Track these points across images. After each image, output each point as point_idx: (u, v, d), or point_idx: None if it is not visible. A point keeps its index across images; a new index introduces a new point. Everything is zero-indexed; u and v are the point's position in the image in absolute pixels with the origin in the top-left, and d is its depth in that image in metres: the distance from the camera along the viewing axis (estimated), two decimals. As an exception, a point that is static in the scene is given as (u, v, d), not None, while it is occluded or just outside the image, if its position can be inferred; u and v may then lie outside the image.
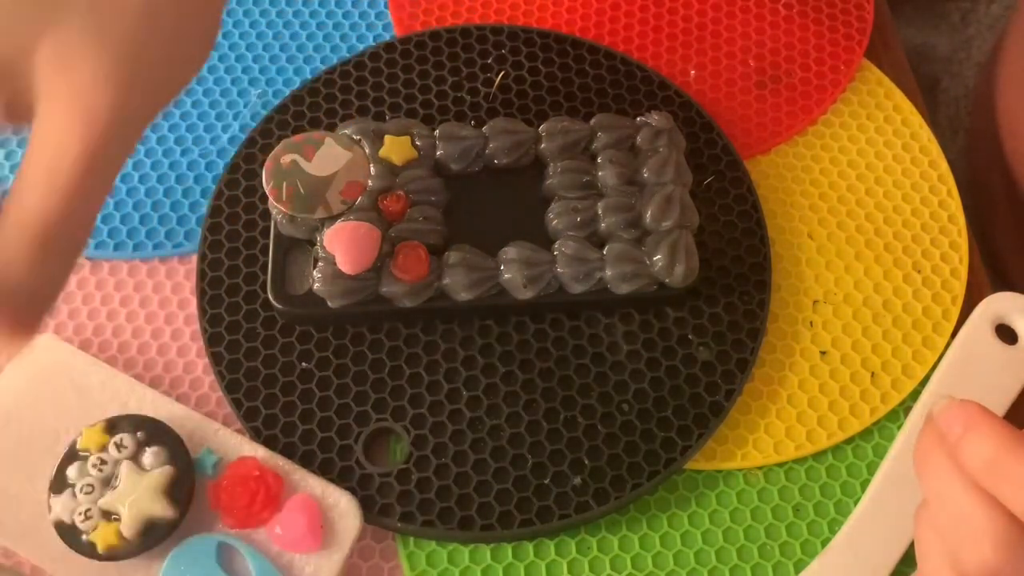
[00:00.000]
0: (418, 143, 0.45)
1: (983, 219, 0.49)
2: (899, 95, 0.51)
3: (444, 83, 0.49)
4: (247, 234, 0.45)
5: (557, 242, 0.43)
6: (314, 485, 0.39)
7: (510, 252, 0.43)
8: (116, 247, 0.45)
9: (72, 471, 0.38)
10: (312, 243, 0.43)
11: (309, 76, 0.50)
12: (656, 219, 0.44)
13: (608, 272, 0.43)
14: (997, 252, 0.52)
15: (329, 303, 0.42)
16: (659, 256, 0.43)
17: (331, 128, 0.46)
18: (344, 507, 0.39)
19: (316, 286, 0.42)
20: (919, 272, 0.46)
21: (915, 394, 0.44)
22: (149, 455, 0.38)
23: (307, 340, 0.43)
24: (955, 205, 0.48)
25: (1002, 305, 0.44)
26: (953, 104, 0.56)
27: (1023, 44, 0.52)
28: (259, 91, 0.50)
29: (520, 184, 0.46)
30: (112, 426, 0.39)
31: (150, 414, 0.40)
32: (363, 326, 0.43)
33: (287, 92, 0.49)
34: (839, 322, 0.45)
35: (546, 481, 0.41)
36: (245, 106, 0.49)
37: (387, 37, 0.52)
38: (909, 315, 0.45)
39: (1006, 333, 0.44)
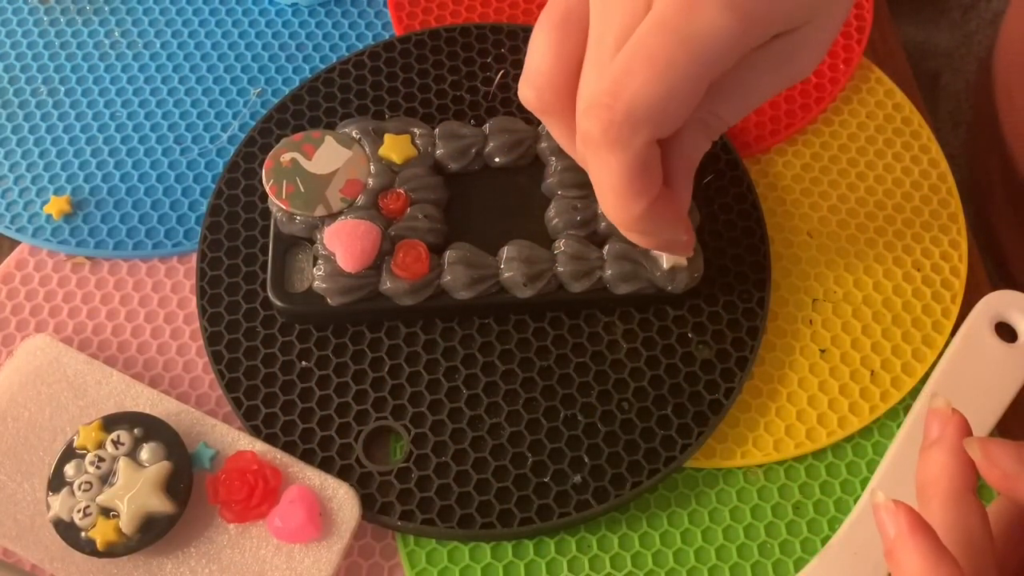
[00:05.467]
0: (418, 142, 0.45)
1: (984, 211, 0.49)
2: (898, 93, 0.51)
3: (444, 82, 0.49)
4: (247, 233, 0.45)
5: (557, 240, 0.43)
6: (312, 477, 0.39)
7: (510, 250, 0.43)
8: (115, 246, 0.45)
9: (70, 469, 0.38)
10: (312, 241, 0.43)
11: (309, 75, 0.50)
12: (656, 217, 0.44)
13: (608, 271, 0.43)
14: (997, 244, 0.52)
15: (329, 301, 0.42)
16: (659, 255, 0.43)
17: (331, 127, 0.46)
18: (342, 497, 0.39)
19: (316, 284, 0.42)
20: (918, 270, 0.46)
21: (915, 392, 0.43)
22: (146, 451, 0.38)
23: (307, 338, 0.43)
24: (954, 203, 0.48)
25: (1001, 303, 0.44)
26: (954, 98, 0.56)
27: (1019, 35, 0.52)
28: (259, 90, 0.50)
29: (520, 182, 0.46)
30: (109, 423, 0.39)
31: (146, 411, 0.40)
32: (363, 324, 0.43)
33: (287, 91, 0.49)
34: (839, 320, 0.45)
35: (546, 479, 0.41)
36: (245, 105, 0.49)
37: (387, 36, 0.52)
38: (908, 313, 0.45)
39: (1006, 331, 0.44)
